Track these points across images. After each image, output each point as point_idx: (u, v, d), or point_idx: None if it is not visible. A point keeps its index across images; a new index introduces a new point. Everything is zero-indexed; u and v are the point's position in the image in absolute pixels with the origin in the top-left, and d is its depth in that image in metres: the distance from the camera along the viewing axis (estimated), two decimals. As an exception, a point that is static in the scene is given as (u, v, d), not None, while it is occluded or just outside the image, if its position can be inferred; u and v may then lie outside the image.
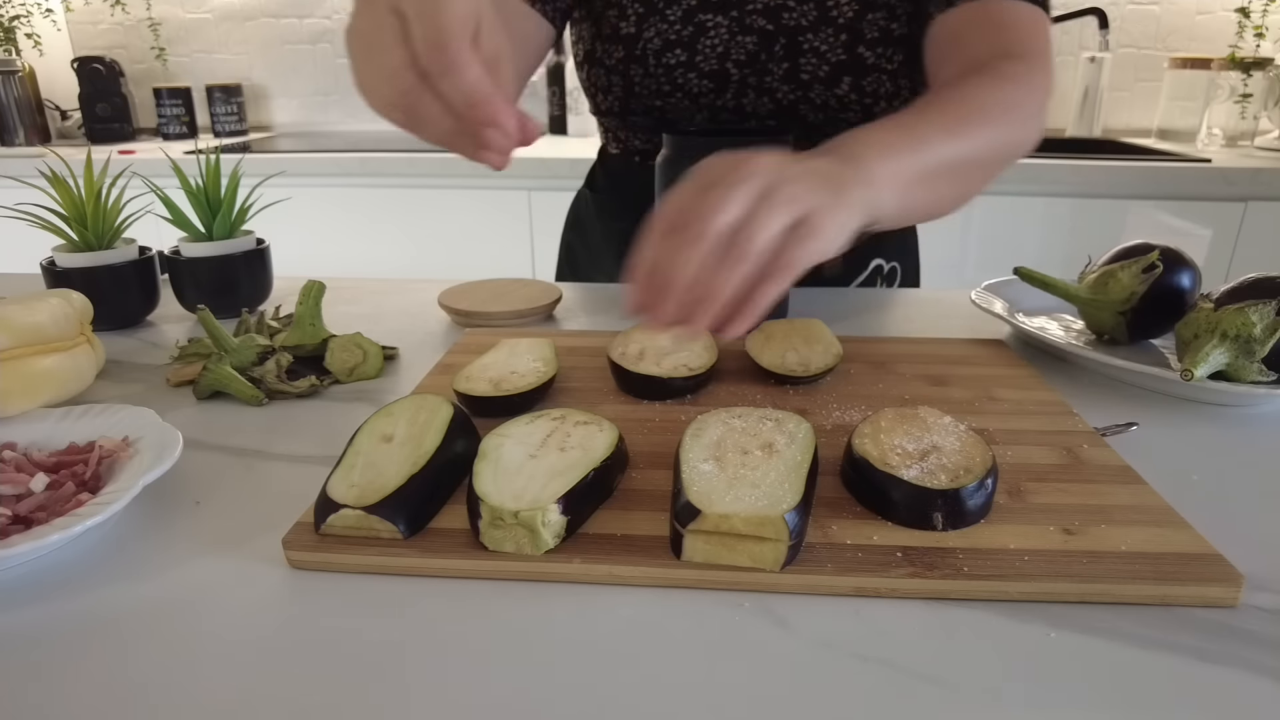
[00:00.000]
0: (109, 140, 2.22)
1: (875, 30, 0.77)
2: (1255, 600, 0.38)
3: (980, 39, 0.67)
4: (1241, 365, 0.59)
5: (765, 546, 0.38)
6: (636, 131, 0.89)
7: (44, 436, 0.51)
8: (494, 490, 0.41)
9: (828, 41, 0.78)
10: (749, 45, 0.79)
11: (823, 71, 0.78)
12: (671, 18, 0.80)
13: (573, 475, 0.42)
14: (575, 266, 1.05)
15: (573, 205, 1.06)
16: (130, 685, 0.34)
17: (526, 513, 0.39)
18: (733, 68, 0.80)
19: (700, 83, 0.81)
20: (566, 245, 1.07)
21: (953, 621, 0.37)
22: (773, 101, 0.81)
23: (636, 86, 0.82)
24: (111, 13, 2.33)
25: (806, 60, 0.79)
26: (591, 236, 1.02)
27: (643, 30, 0.80)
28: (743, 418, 0.48)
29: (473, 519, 0.41)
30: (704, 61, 0.80)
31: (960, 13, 0.69)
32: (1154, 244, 0.69)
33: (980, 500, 0.42)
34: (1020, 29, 0.67)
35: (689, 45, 0.80)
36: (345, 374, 0.65)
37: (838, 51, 0.78)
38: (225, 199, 0.81)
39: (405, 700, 0.33)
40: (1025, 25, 0.67)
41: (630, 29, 0.81)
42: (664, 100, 0.82)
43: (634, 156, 0.92)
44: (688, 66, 0.80)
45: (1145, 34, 2.14)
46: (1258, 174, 1.68)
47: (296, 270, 1.00)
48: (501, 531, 0.40)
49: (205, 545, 0.43)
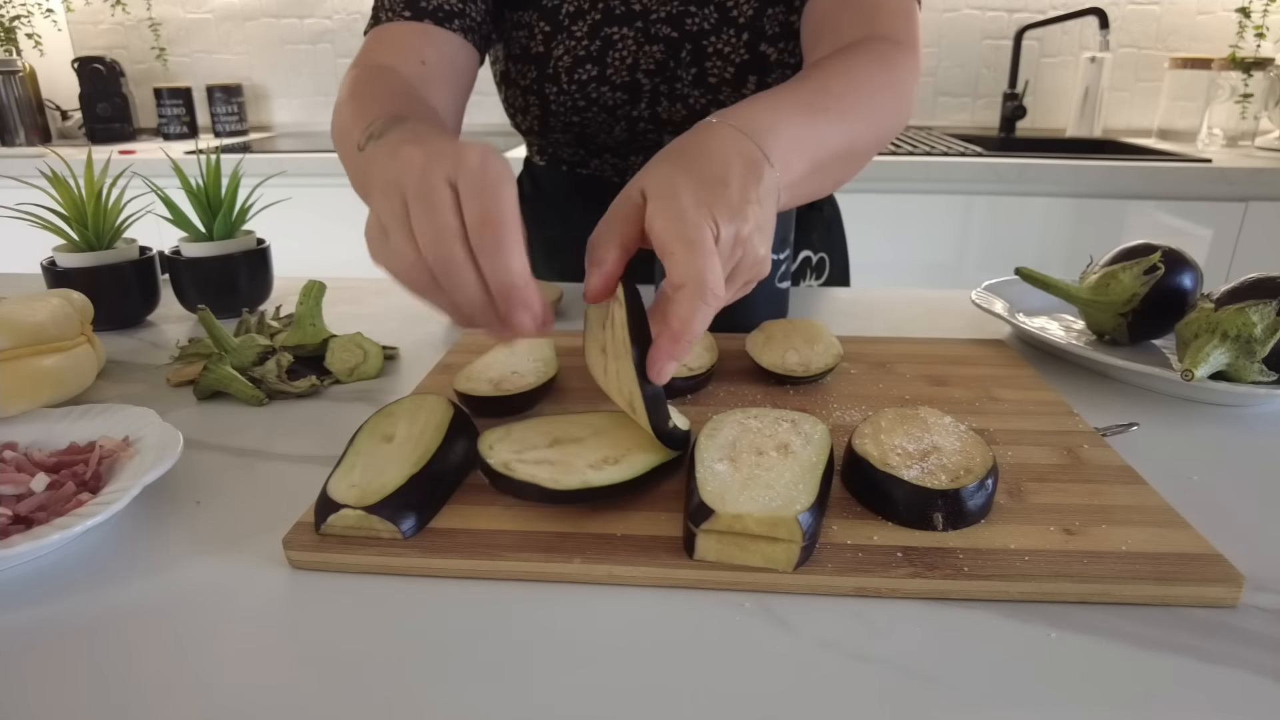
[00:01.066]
0: (109, 140, 2.22)
1: (775, 25, 0.78)
2: (1256, 600, 0.38)
3: (852, 21, 0.68)
4: (1242, 365, 0.59)
5: (778, 547, 0.38)
6: (561, 148, 0.90)
7: (44, 436, 0.51)
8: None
9: (730, 43, 0.79)
10: (657, 54, 0.80)
11: (728, 73, 0.80)
12: (578, 34, 0.80)
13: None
14: None
15: None
16: (131, 685, 0.34)
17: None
18: (643, 77, 0.81)
19: (614, 95, 0.81)
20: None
21: (953, 622, 0.37)
22: (685, 107, 0.82)
23: (553, 104, 0.82)
24: (112, 13, 2.33)
25: (712, 64, 0.80)
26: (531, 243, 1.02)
27: (552, 49, 0.81)
28: (759, 418, 0.48)
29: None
30: (614, 74, 0.81)
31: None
32: (1156, 244, 0.69)
33: (981, 500, 0.42)
34: (888, 12, 0.68)
35: (598, 59, 0.80)
36: (346, 374, 0.65)
37: (740, 51, 0.79)
38: (226, 199, 0.81)
39: (406, 700, 0.33)
40: (893, 8, 0.68)
41: (539, 48, 0.81)
42: (580, 115, 0.83)
43: (561, 166, 0.93)
44: (600, 80, 0.81)
45: (1146, 34, 2.14)
46: (1258, 174, 1.68)
47: (297, 270, 1.00)
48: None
49: (206, 545, 0.43)
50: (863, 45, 0.65)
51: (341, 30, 2.32)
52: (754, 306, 0.73)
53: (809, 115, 0.53)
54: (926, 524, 0.42)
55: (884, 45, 0.65)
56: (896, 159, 1.72)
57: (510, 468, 0.43)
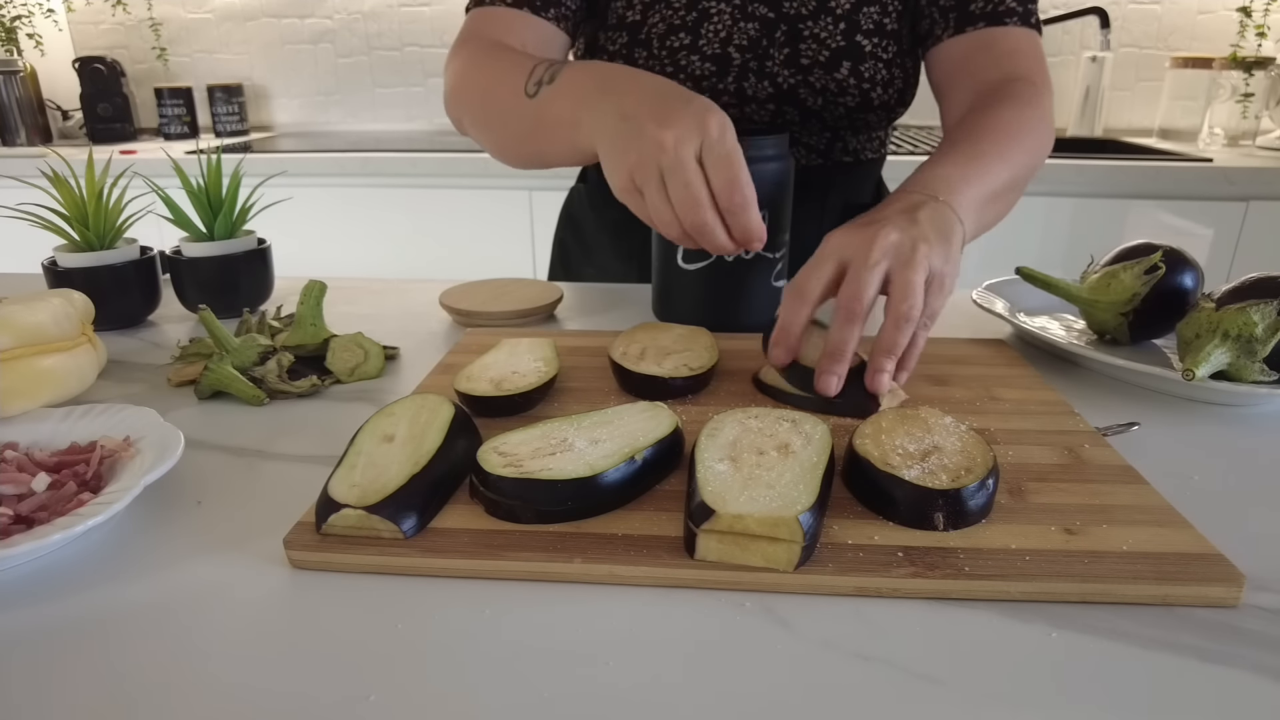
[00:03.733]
0: (110, 140, 2.22)
1: (870, 22, 0.81)
2: (1256, 600, 0.38)
3: (989, 65, 0.76)
4: (1243, 365, 0.59)
5: (779, 547, 0.38)
6: None
7: (46, 436, 0.51)
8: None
9: (827, 29, 0.81)
10: (751, 31, 0.82)
11: (823, 56, 0.81)
12: (676, 4, 0.83)
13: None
14: (568, 264, 1.06)
15: (565, 202, 1.08)
16: (132, 685, 0.34)
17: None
18: (735, 52, 0.82)
19: (703, 65, 0.83)
20: (559, 243, 1.08)
21: (954, 621, 0.37)
22: (773, 85, 0.83)
23: (640, 68, 0.83)
24: (113, 13, 2.33)
25: (807, 46, 0.82)
26: (585, 229, 1.03)
27: (648, 17, 0.83)
28: (759, 418, 0.48)
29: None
30: (706, 45, 0.82)
31: (967, 40, 0.78)
32: (1157, 244, 0.69)
33: (981, 500, 0.42)
34: (1022, 55, 0.76)
35: (693, 30, 0.82)
36: (346, 374, 0.65)
37: (837, 38, 0.81)
38: (226, 199, 0.81)
39: (406, 700, 0.33)
40: (1026, 50, 0.76)
41: (635, 16, 0.83)
42: None
43: None
44: (691, 49, 0.82)
45: (1147, 33, 2.14)
46: (1259, 173, 1.68)
47: (298, 270, 1.00)
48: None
49: (207, 545, 0.43)
50: (1010, 89, 0.73)
51: (342, 30, 2.32)
52: (752, 306, 0.73)
53: (989, 164, 0.65)
54: (927, 524, 0.42)
55: (1027, 87, 0.73)
56: (898, 159, 1.72)
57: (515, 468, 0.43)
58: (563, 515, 0.43)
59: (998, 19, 0.77)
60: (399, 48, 2.32)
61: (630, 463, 0.44)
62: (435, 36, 2.30)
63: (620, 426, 0.48)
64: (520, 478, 0.42)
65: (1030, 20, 0.77)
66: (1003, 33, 0.77)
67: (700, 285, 0.72)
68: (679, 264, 0.72)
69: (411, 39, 2.30)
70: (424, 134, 2.30)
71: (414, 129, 2.37)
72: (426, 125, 2.38)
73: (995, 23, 0.77)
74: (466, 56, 0.76)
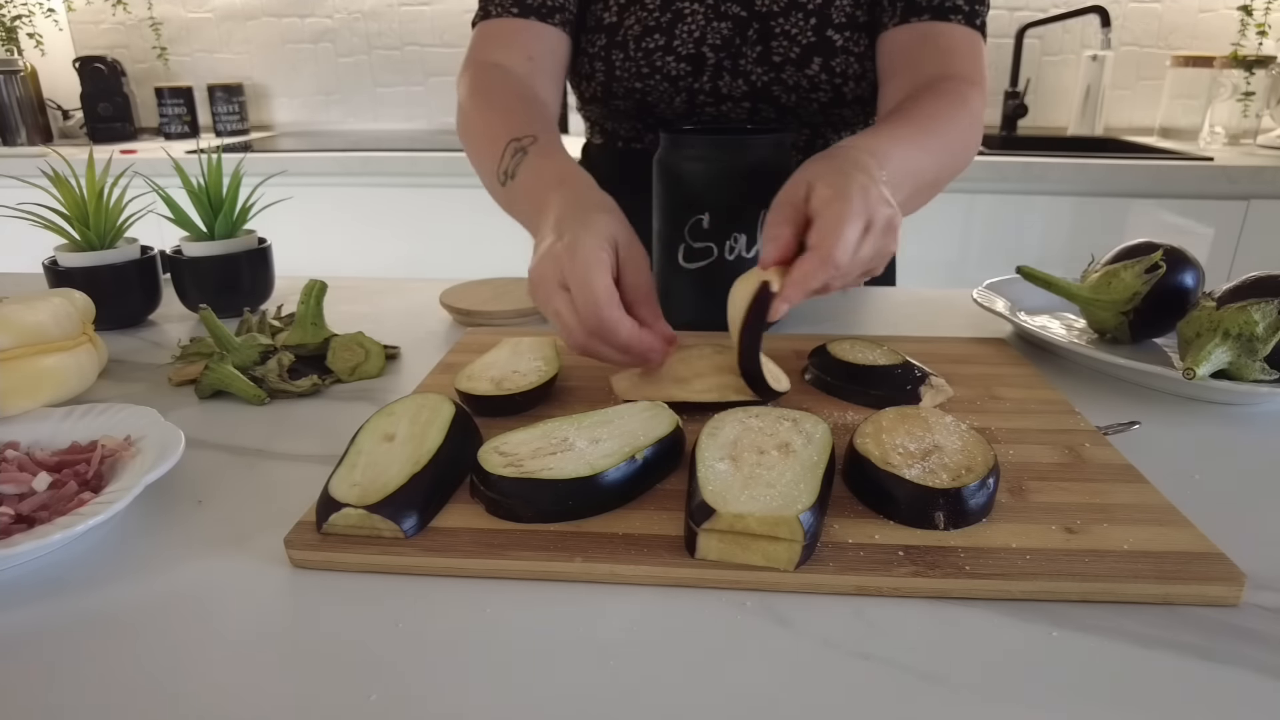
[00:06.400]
0: (111, 140, 2.22)
1: (842, 15, 0.81)
2: (1257, 599, 0.38)
3: (928, 59, 0.77)
4: (1244, 364, 0.59)
5: (779, 546, 0.38)
6: (620, 119, 0.91)
7: (46, 436, 0.51)
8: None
9: (798, 25, 0.82)
10: (724, 30, 0.83)
11: (794, 53, 0.82)
12: (650, 6, 0.84)
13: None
14: None
15: None
16: (133, 684, 0.34)
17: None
18: (709, 51, 0.83)
19: (678, 66, 0.83)
20: None
21: (954, 620, 0.37)
22: (747, 83, 0.84)
23: (617, 70, 0.85)
24: (113, 12, 2.33)
25: (778, 43, 0.82)
26: None
27: (624, 19, 0.84)
28: (760, 417, 0.48)
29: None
30: (681, 45, 0.83)
31: (910, 30, 0.78)
32: (1157, 243, 0.69)
33: (982, 499, 0.42)
34: (960, 54, 0.77)
35: (667, 30, 0.83)
36: (347, 373, 0.65)
37: (808, 34, 0.82)
38: (227, 198, 0.81)
39: (407, 699, 0.33)
40: (965, 50, 0.77)
41: (612, 18, 0.85)
42: (643, 83, 0.85)
43: (617, 143, 0.95)
44: (665, 50, 0.83)
45: (1147, 32, 2.13)
46: (1260, 172, 1.68)
47: (298, 269, 1.00)
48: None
49: (207, 544, 0.43)
50: (943, 86, 0.74)
51: (342, 29, 2.32)
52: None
53: (911, 149, 0.64)
54: (928, 523, 0.42)
55: (961, 85, 0.74)
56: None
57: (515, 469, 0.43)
58: (563, 515, 0.43)
59: (943, 14, 0.77)
60: (399, 47, 2.32)
61: (631, 462, 0.44)
62: (436, 36, 2.30)
63: (621, 426, 0.48)
64: (521, 477, 0.42)
65: (975, 21, 0.78)
66: (946, 28, 0.77)
67: (700, 285, 0.72)
68: (679, 263, 0.72)
69: (412, 38, 2.30)
70: (424, 133, 2.29)
71: (414, 128, 2.37)
72: (427, 125, 2.38)
73: (939, 17, 0.77)
74: (467, 86, 0.78)
